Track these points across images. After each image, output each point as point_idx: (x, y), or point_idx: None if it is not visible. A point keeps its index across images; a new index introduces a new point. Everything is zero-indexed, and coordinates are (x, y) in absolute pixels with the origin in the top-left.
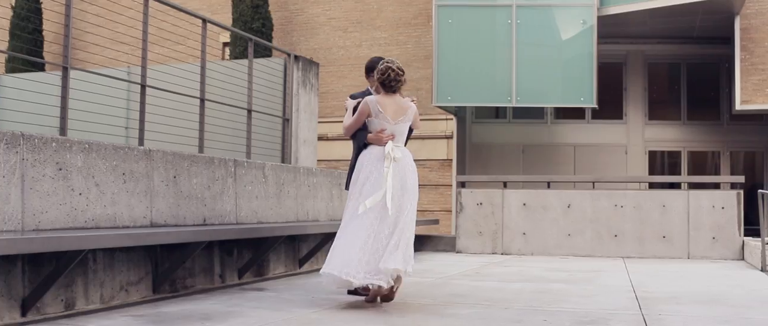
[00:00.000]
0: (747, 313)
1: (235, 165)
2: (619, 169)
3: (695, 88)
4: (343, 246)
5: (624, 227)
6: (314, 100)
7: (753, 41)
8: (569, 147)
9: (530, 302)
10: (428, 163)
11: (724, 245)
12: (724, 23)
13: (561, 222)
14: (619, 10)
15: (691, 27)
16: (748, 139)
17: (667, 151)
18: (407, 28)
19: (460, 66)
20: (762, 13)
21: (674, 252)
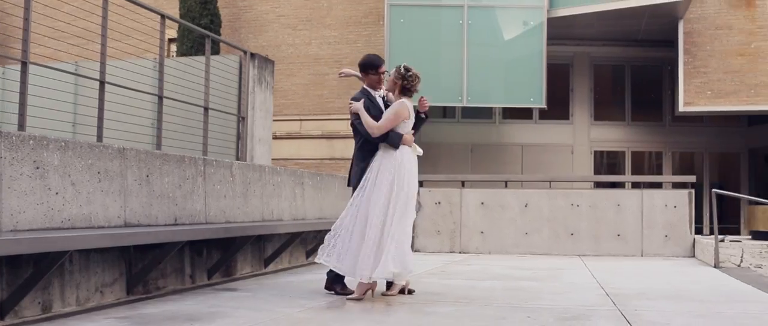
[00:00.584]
0: (716, 308)
1: (205, 165)
2: (565, 169)
3: (639, 89)
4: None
5: (580, 226)
6: (269, 99)
7: (696, 45)
8: (517, 146)
9: (507, 299)
10: None
11: (675, 243)
12: (668, 27)
13: (518, 221)
14: (567, 13)
15: (636, 30)
16: (689, 140)
17: (611, 150)
18: (357, 27)
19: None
20: (705, 17)
21: (628, 249)
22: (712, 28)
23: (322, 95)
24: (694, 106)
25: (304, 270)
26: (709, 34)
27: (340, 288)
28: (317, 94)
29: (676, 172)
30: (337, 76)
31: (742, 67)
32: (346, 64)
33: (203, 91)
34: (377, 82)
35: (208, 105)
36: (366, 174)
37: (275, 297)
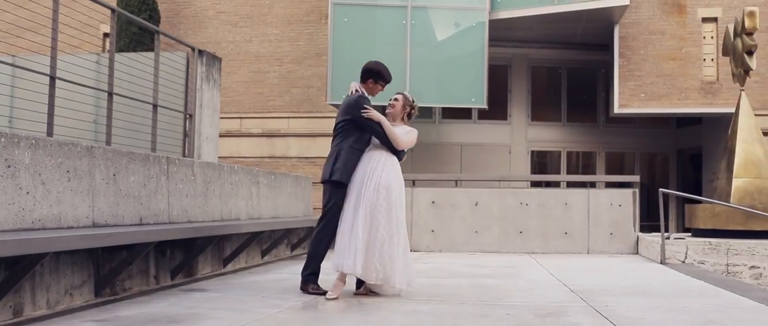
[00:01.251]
0: (681, 303)
1: (168, 163)
2: (503, 168)
3: (575, 91)
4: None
5: (529, 224)
6: (217, 96)
7: (630, 49)
8: (456, 146)
9: (479, 297)
10: (319, 161)
11: (620, 240)
12: (604, 31)
13: (469, 220)
14: (508, 15)
15: (573, 34)
16: (622, 141)
17: (548, 150)
18: (299, 25)
19: (355, 65)
20: (639, 22)
21: (575, 247)
22: (646, 33)
23: (262, 93)
24: (629, 108)
25: (263, 270)
26: (643, 39)
27: (312, 287)
28: (257, 92)
29: (609, 172)
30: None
31: (674, 71)
32: (287, 62)
33: (149, 87)
34: (374, 94)
35: (157, 102)
36: (370, 174)
37: (248, 297)
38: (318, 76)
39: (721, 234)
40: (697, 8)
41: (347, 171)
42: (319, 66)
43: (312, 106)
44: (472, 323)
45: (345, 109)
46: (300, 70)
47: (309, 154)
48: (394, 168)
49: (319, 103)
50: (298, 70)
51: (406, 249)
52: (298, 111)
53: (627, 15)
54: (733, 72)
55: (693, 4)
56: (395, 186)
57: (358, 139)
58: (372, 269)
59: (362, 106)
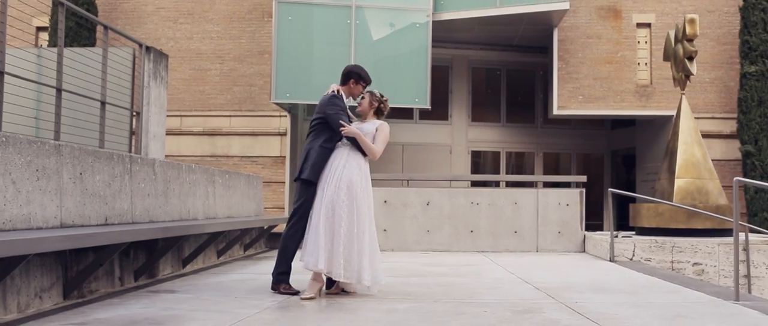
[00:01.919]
0: (645, 298)
1: (131, 162)
2: (444, 168)
3: (514, 92)
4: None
5: (479, 223)
6: (164, 94)
7: (569, 52)
8: (398, 146)
9: (451, 295)
10: (261, 160)
11: (568, 239)
12: (543, 34)
13: (420, 219)
14: (451, 17)
15: (513, 36)
16: (559, 142)
17: (487, 151)
18: (241, 23)
19: (299, 63)
20: (577, 26)
21: (525, 245)
22: (584, 37)
23: (203, 91)
24: (567, 110)
25: (223, 270)
26: (581, 43)
27: (284, 287)
28: (198, 90)
29: (546, 172)
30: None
31: (610, 74)
32: (229, 59)
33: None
34: (356, 94)
35: (105, 99)
36: (333, 172)
37: (221, 298)
38: (260, 74)
39: (665, 232)
40: (632, 14)
41: (316, 169)
42: (261, 64)
43: (254, 104)
44: (455, 320)
45: (319, 108)
46: (242, 68)
47: (251, 153)
48: (358, 165)
49: (262, 102)
50: (240, 68)
51: (373, 245)
52: (240, 109)
53: (565, 19)
54: (674, 76)
55: (628, 9)
56: (357, 181)
57: (330, 138)
58: (336, 265)
59: (335, 104)
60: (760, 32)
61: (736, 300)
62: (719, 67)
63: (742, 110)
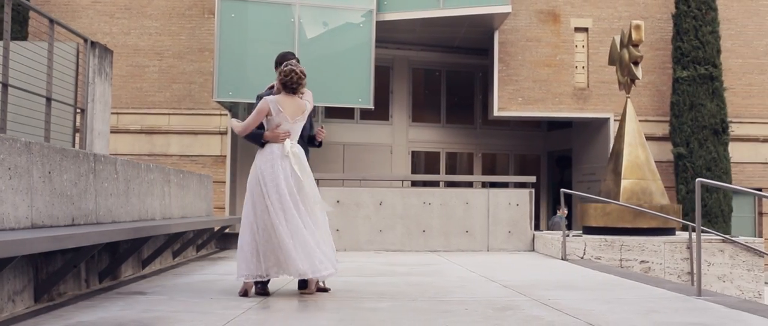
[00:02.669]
0: (613, 294)
1: (95, 161)
2: (384, 168)
3: (453, 94)
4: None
5: (432, 223)
6: (108, 90)
7: (509, 55)
8: (339, 145)
9: (424, 294)
10: (201, 159)
11: (518, 238)
12: (483, 37)
13: (373, 219)
14: (394, 17)
15: (454, 37)
16: (497, 142)
17: (427, 151)
18: (181, 19)
19: (242, 61)
20: (517, 29)
21: (476, 245)
22: (524, 40)
23: (141, 88)
24: (507, 111)
25: (184, 271)
26: (521, 45)
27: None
28: (136, 87)
29: (485, 172)
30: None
31: (549, 76)
32: (167, 56)
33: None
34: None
35: (51, 95)
36: None
37: (196, 299)
38: (200, 71)
39: (612, 231)
40: (570, 18)
41: None
42: (201, 61)
43: (194, 102)
44: (442, 318)
45: None
46: (181, 65)
47: (191, 151)
48: (256, 167)
49: (202, 100)
50: (179, 65)
51: (301, 236)
52: (179, 107)
53: (506, 22)
54: (620, 80)
55: (566, 14)
56: (250, 179)
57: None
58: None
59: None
60: (691, 39)
61: (699, 295)
62: (652, 71)
63: (674, 114)
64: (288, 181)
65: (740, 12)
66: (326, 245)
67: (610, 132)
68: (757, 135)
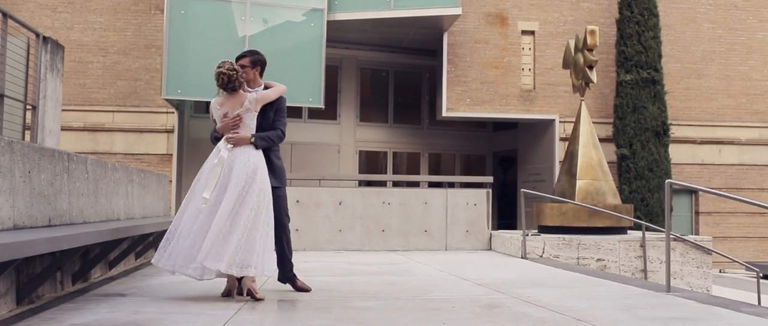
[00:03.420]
0: (585, 291)
1: (69, 160)
2: (332, 167)
3: (401, 94)
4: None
5: (391, 222)
6: (60, 87)
7: (457, 56)
8: (287, 145)
9: (404, 293)
10: (147, 158)
11: (475, 237)
12: (432, 38)
13: (333, 219)
14: (345, 17)
15: (403, 38)
16: (443, 143)
17: (375, 151)
18: (126, 14)
19: (192, 59)
20: (466, 31)
21: (434, 244)
22: (472, 41)
23: (84, 84)
24: (455, 112)
25: (149, 272)
26: (470, 47)
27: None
28: (79, 84)
29: (431, 172)
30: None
31: (496, 78)
32: (112, 52)
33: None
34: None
35: (3, 91)
36: None
37: (179, 300)
38: (146, 68)
39: (567, 230)
40: (517, 21)
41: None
42: (147, 58)
43: (140, 100)
44: (436, 316)
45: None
46: (127, 61)
47: (136, 150)
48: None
49: (148, 97)
50: (124, 61)
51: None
52: (124, 104)
53: (455, 24)
54: (574, 84)
55: (514, 17)
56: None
57: None
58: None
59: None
60: (634, 44)
61: (668, 291)
62: (597, 75)
63: (618, 116)
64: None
65: (679, 18)
66: (251, 244)
67: (555, 133)
68: (695, 137)
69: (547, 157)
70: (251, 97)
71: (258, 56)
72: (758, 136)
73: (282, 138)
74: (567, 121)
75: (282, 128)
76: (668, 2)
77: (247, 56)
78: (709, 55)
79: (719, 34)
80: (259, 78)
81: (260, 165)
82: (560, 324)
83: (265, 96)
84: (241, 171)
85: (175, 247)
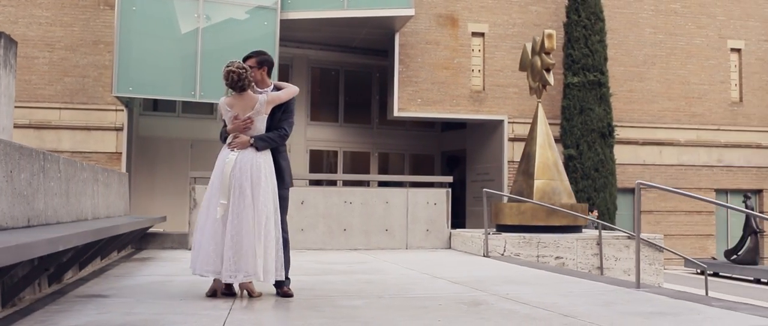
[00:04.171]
0: (561, 288)
1: (44, 159)
2: None
3: (351, 93)
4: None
5: (352, 222)
6: (12, 84)
7: (409, 56)
8: None
9: (385, 291)
10: (95, 156)
11: (435, 236)
12: (384, 38)
13: (295, 218)
14: (298, 16)
15: (354, 38)
16: (393, 142)
17: (326, 150)
18: (74, 9)
19: (143, 56)
20: (417, 32)
21: (395, 243)
22: (423, 42)
23: (29, 81)
24: (407, 112)
25: (120, 272)
26: (421, 48)
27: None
28: (24, 80)
29: (381, 171)
30: None
31: (447, 79)
32: (59, 48)
33: None
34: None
35: None
36: None
37: (164, 300)
38: (95, 65)
39: (525, 229)
40: (467, 23)
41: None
42: (96, 54)
43: (88, 97)
44: (427, 313)
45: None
46: (74, 57)
47: (84, 148)
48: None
49: (96, 94)
50: (72, 57)
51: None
52: (71, 102)
53: (407, 25)
54: (531, 86)
55: (464, 19)
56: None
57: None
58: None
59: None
60: (581, 47)
61: (638, 287)
62: None
63: (565, 117)
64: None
65: (623, 23)
66: (244, 250)
67: (504, 133)
68: (637, 138)
69: (496, 157)
70: (262, 99)
71: (264, 56)
72: (696, 138)
73: (285, 137)
74: (516, 121)
75: (285, 127)
76: (613, 7)
77: (253, 57)
78: (651, 59)
79: (660, 39)
80: (267, 78)
81: (265, 167)
82: (548, 320)
83: (277, 97)
84: (247, 175)
85: (204, 253)
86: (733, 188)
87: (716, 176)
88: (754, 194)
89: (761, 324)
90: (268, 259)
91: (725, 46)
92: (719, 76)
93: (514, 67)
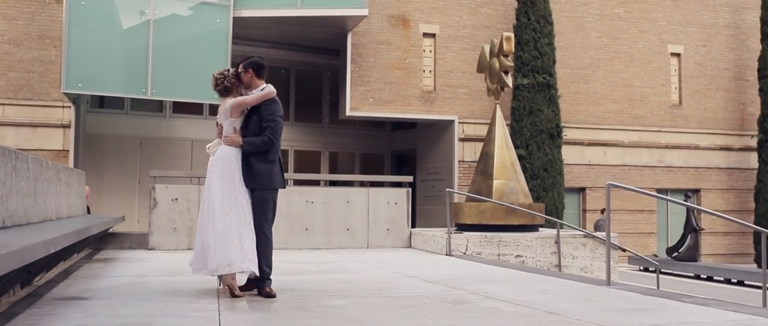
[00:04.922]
0: (535, 286)
1: (16, 158)
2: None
3: (302, 92)
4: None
5: (314, 221)
6: None
7: (361, 56)
8: (187, 141)
9: (367, 291)
10: (41, 154)
11: (396, 235)
12: (336, 37)
13: None
14: (251, 14)
15: (305, 37)
16: (344, 141)
17: None
18: (18, 3)
19: (93, 52)
20: (369, 32)
21: (356, 242)
22: (375, 42)
23: None
24: (359, 111)
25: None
26: (373, 48)
27: None
28: None
29: (332, 170)
30: None
31: (399, 79)
32: (2, 42)
33: None
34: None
35: None
36: None
37: (150, 302)
38: (40, 60)
39: (485, 228)
40: (419, 24)
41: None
42: (42, 49)
43: (33, 92)
44: (417, 312)
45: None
46: (18, 52)
47: (30, 145)
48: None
49: (41, 90)
50: (16, 52)
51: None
52: (15, 97)
53: (359, 25)
54: (489, 87)
55: (416, 19)
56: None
57: None
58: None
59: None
60: (531, 49)
61: (608, 284)
62: None
63: (515, 118)
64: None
65: (569, 26)
66: (220, 244)
67: (454, 133)
68: (582, 139)
69: (446, 157)
70: (228, 104)
71: (251, 59)
72: (638, 139)
73: (268, 144)
74: (466, 121)
75: (268, 134)
76: (560, 10)
77: (242, 62)
78: (596, 62)
79: (605, 43)
80: (256, 80)
81: (232, 165)
82: (537, 317)
83: (242, 101)
84: (219, 171)
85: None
86: (673, 188)
87: (657, 176)
88: (693, 193)
89: (736, 318)
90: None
91: (666, 50)
92: (660, 79)
93: (465, 68)
